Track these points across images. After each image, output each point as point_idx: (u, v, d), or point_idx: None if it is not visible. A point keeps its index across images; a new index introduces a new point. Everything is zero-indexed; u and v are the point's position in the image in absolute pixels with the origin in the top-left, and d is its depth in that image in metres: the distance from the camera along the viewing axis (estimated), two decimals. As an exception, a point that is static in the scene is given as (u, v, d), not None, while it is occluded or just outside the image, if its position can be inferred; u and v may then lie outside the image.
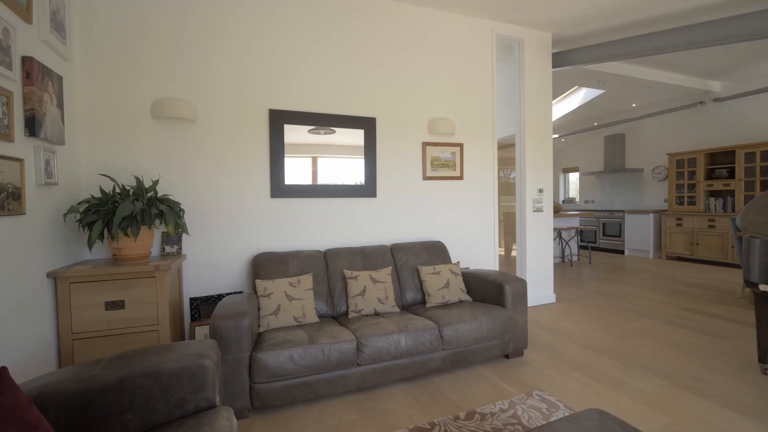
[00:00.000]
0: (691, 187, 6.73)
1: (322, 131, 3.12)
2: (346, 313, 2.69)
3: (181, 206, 2.68)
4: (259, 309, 2.37)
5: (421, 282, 2.98)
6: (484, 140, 3.80)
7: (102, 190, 2.22)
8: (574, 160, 9.60)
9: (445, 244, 3.56)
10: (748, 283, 2.43)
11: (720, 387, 2.28)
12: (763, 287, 2.39)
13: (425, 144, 3.49)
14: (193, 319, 2.73)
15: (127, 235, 2.17)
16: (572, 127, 8.65)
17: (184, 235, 2.74)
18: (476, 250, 3.78)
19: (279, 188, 2.97)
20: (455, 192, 3.66)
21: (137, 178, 2.32)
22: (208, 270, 2.81)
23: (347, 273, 2.74)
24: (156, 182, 2.38)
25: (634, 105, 7.51)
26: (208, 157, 2.80)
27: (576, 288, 4.91)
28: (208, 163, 2.80)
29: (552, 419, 1.87)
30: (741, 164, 6.04)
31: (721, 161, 6.46)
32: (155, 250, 2.64)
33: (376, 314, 2.62)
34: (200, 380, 1.31)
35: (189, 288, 2.77)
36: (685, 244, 6.68)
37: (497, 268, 3.93)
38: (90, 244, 2.06)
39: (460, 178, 3.66)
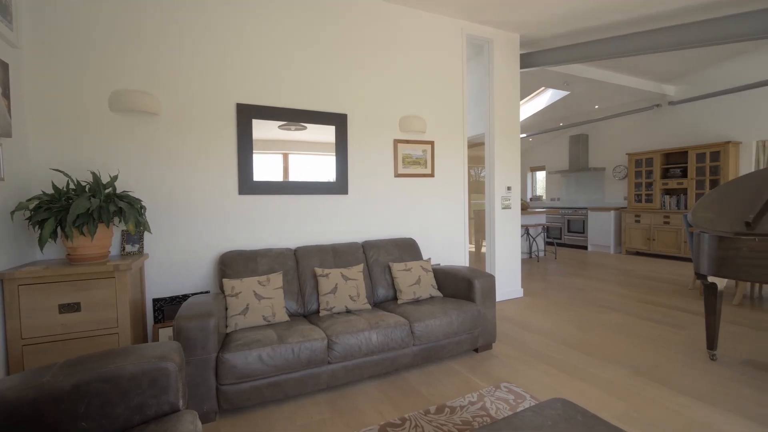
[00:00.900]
0: (648, 185, 7.12)
1: (292, 127, 3.07)
2: (318, 312, 2.66)
3: (143, 203, 2.57)
4: (226, 309, 2.30)
5: (392, 279, 2.99)
6: (455, 138, 3.86)
7: (54, 186, 2.09)
8: (541, 159, 9.92)
9: (417, 241, 3.60)
10: (698, 275, 2.60)
11: (674, 374, 2.43)
12: (711, 279, 2.56)
13: (397, 141, 3.50)
14: (156, 320, 2.63)
15: (82, 233, 2.05)
16: (539, 126, 8.94)
17: (146, 233, 2.62)
18: (447, 246, 3.83)
19: (247, 185, 2.90)
20: (426, 189, 3.70)
21: (94, 174, 2.19)
22: (173, 269, 2.70)
23: (318, 271, 2.72)
24: (115, 178, 2.26)
25: (597, 107, 7.85)
26: (172, 152, 2.69)
27: (542, 282, 5.09)
28: (172, 158, 2.69)
29: (518, 410, 1.93)
30: (693, 164, 6.45)
31: (675, 161, 6.86)
32: (114, 250, 2.51)
33: (348, 312, 2.61)
34: (162, 384, 1.26)
35: (152, 288, 2.65)
36: (643, 240, 7.06)
37: (467, 264, 4.00)
38: (41, 244, 1.93)
39: (431, 175, 3.70)
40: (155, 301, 2.64)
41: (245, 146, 2.88)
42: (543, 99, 7.61)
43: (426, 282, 2.95)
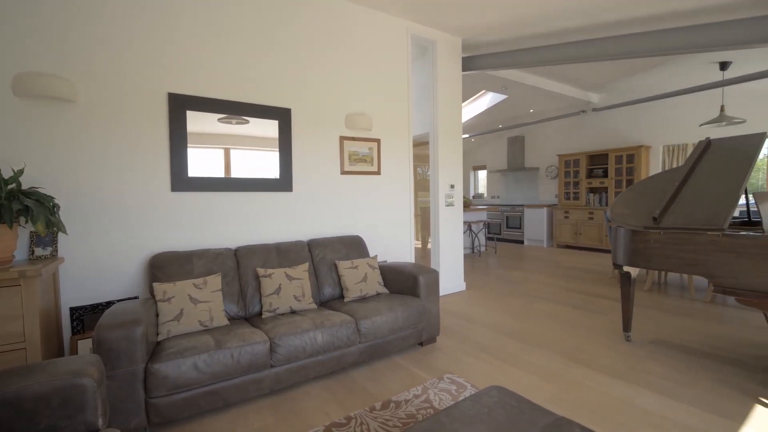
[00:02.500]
0: (576, 184, 7.77)
1: (233, 121, 2.91)
2: (260, 314, 2.56)
3: (56, 201, 2.29)
4: (157, 315, 2.13)
5: (339, 277, 2.97)
6: (401, 137, 3.91)
7: (-61, 181, 1.79)
8: (482, 159, 10.41)
9: (364, 239, 3.60)
10: (616, 265, 2.88)
11: (596, 355, 2.67)
12: (626, 268, 2.85)
13: (343, 138, 3.47)
14: (75, 332, 2.37)
15: (-23, 236, 1.78)
16: (481, 128, 9.36)
17: (60, 234, 2.34)
18: (393, 243, 3.88)
19: (181, 181, 2.70)
20: (373, 187, 3.71)
21: (-8, 167, 1.91)
22: (95, 274, 2.45)
23: (260, 271, 2.61)
24: (20, 172, 1.99)
25: (531, 110, 8.38)
26: (91, 145, 2.42)
27: (484, 276, 5.35)
28: (91, 151, 2.42)
29: (460, 399, 2.01)
30: (612, 165, 7.14)
31: (598, 162, 7.55)
32: (21, 254, 2.22)
33: (293, 312, 2.54)
34: (77, 402, 1.13)
35: (69, 296, 2.38)
36: (571, 234, 7.70)
37: (413, 261, 4.09)
38: None
39: (378, 173, 3.72)
40: (73, 310, 2.37)
41: (178, 139, 2.68)
42: (484, 101, 7.97)
43: (372, 279, 2.96)
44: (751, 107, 5.70)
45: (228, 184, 2.89)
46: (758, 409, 1.97)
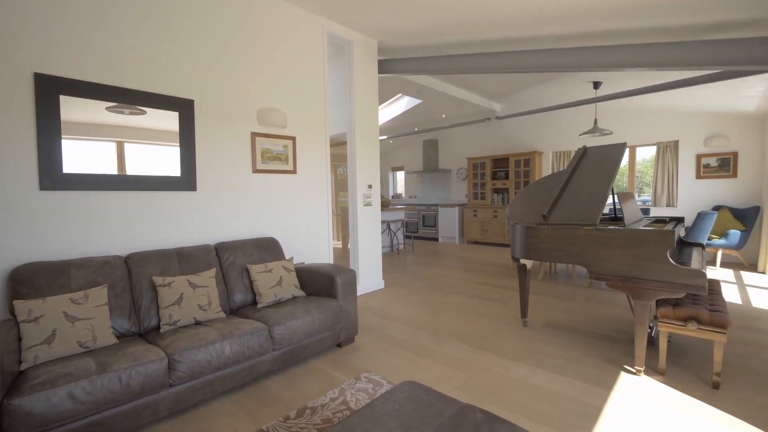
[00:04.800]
0: (482, 185, 8.46)
1: (126, 111, 2.57)
2: (158, 327, 2.29)
3: None
4: (20, 339, 1.78)
5: (251, 282, 2.80)
6: (317, 135, 3.83)
7: None
8: (400, 160, 10.75)
9: (279, 240, 3.45)
10: (514, 258, 3.18)
11: (500, 342, 2.92)
12: (523, 261, 3.16)
13: (254, 134, 3.28)
14: None
15: None
16: (398, 130, 9.65)
17: None
18: (311, 244, 3.79)
19: (54, 178, 2.29)
20: (288, 186, 3.58)
21: None
22: (-74, 294, 1.95)
23: (158, 280, 2.34)
24: None
25: (444, 116, 8.89)
26: None
27: (401, 273, 5.52)
28: None
29: (376, 397, 2.03)
30: (512, 168, 7.92)
31: (500, 166, 8.31)
32: None
33: (197, 323, 2.33)
34: None
35: None
36: (479, 231, 8.35)
37: (332, 261, 4.04)
38: None
39: (294, 172, 3.60)
40: None
41: (49, 129, 2.27)
42: (401, 104, 8.22)
43: (288, 282, 2.85)
44: (617, 121, 6.79)
45: (119, 182, 2.54)
46: (623, 375, 2.34)
